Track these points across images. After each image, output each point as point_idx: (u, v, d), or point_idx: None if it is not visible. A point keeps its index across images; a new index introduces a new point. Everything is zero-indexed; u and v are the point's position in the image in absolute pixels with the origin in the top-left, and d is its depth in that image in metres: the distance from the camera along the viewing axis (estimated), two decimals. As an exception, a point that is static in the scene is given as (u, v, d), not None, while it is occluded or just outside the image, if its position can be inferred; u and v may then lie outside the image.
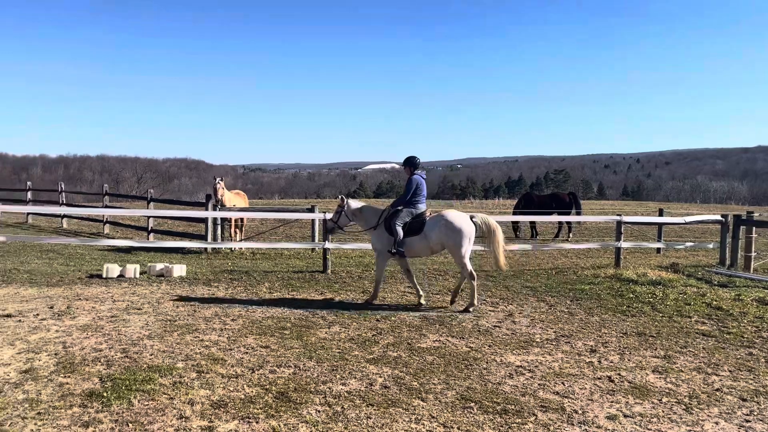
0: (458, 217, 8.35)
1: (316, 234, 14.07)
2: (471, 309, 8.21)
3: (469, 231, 8.27)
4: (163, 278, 10.43)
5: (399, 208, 8.48)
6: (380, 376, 5.40)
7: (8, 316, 7.27)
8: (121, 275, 10.46)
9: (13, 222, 21.12)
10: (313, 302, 8.61)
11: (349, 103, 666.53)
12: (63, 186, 21.98)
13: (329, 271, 11.48)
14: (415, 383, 5.25)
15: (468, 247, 8.29)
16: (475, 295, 8.31)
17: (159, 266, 10.79)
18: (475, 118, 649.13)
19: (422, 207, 8.55)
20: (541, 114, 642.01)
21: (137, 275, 10.52)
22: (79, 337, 6.37)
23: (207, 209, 14.04)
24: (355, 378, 5.34)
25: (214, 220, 13.95)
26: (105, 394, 4.70)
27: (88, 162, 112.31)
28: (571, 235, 18.52)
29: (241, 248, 14.19)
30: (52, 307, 7.81)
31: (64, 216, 20.17)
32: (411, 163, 8.65)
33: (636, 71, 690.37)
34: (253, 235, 16.46)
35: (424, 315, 7.93)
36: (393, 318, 7.70)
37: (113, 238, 16.20)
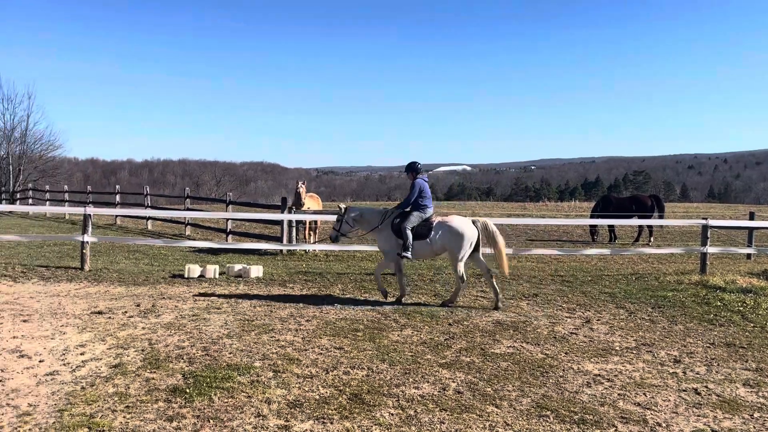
0: (462, 222, 8.63)
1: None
2: (450, 304, 8.58)
3: (471, 235, 8.52)
4: (241, 279, 10.77)
5: (408, 210, 8.68)
6: (453, 381, 5.36)
7: (99, 312, 7.71)
8: (201, 275, 10.88)
9: (103, 223, 22.39)
10: (385, 304, 8.65)
11: (420, 105, 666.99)
12: (148, 189, 23.12)
13: (401, 273, 11.49)
14: (489, 389, 5.18)
15: (466, 251, 8.55)
16: (458, 295, 8.73)
17: (237, 267, 11.15)
18: (550, 118, 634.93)
19: (430, 211, 8.79)
20: (619, 113, 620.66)
21: (217, 276, 10.91)
22: (164, 335, 6.67)
23: (282, 212, 14.39)
24: (428, 382, 5.33)
25: (289, 222, 14.27)
26: (188, 390, 4.90)
27: (170, 166, 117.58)
28: (652, 239, 17.77)
29: (314, 250, 14.44)
30: (138, 305, 8.21)
31: (149, 218, 21.19)
32: (413, 168, 8.93)
33: (724, 65, 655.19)
34: (326, 237, 16.72)
35: (498, 320, 7.81)
36: (466, 323, 7.63)
37: (194, 239, 16.86)
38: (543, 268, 12.91)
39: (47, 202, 30.07)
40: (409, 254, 8.50)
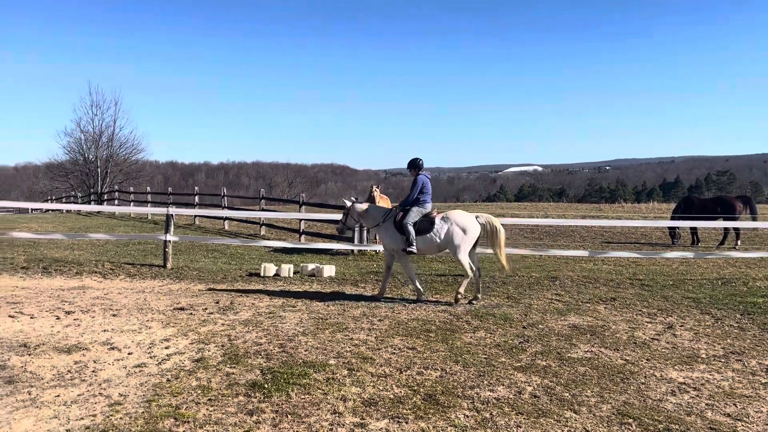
0: (465, 217, 8.81)
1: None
2: (475, 302, 8.73)
3: (473, 231, 8.74)
4: (314, 278, 10.97)
5: (408, 207, 8.83)
6: (529, 385, 5.26)
7: (182, 309, 8.03)
8: (276, 274, 11.16)
9: (182, 223, 23.33)
10: (456, 306, 8.58)
11: (490, 104, 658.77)
12: (225, 191, 23.94)
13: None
14: (567, 394, 5.05)
15: (468, 246, 8.73)
16: (479, 289, 8.88)
17: (311, 266, 11.36)
18: (626, 117, 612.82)
19: (429, 206, 8.97)
20: (699, 110, 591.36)
21: (291, 275, 11.16)
22: (242, 331, 6.88)
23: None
24: (503, 385, 5.25)
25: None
26: (266, 386, 5.02)
27: (244, 168, 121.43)
28: (739, 243, 16.82)
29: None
30: (217, 302, 8.50)
31: (226, 218, 21.92)
32: (415, 165, 9.11)
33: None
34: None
35: (574, 324, 7.61)
36: (540, 326, 7.47)
37: (269, 239, 17.29)
38: (620, 271, 12.48)
39: (131, 203, 31.67)
40: (413, 248, 8.69)
